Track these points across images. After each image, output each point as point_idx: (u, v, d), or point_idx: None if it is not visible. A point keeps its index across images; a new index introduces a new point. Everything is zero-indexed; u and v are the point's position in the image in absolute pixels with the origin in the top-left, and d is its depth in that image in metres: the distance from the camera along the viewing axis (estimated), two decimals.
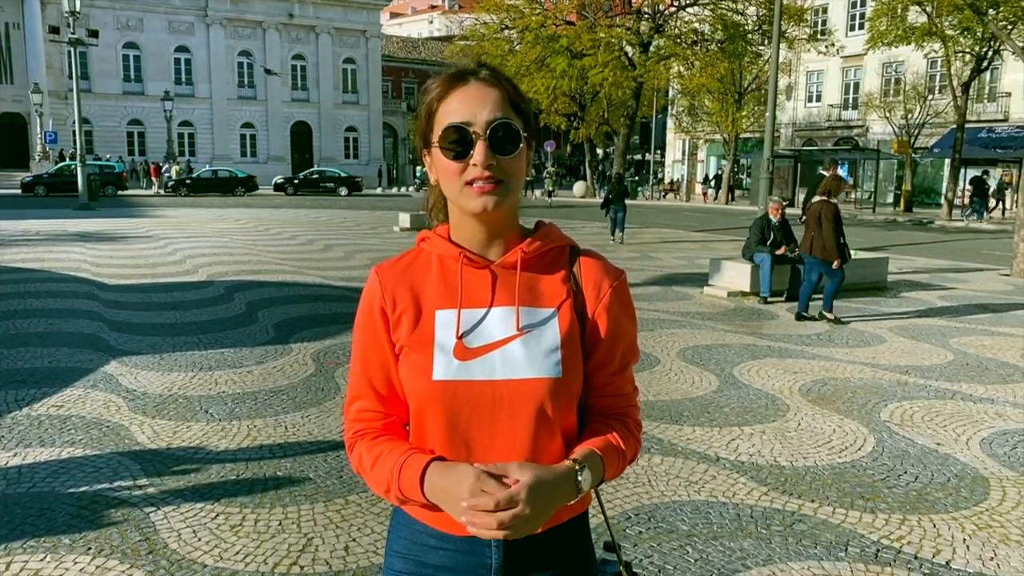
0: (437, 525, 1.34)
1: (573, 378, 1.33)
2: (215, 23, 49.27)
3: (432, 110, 1.33)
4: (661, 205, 38.18)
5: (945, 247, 19.34)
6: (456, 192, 1.30)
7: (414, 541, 1.37)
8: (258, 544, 3.54)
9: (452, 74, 1.34)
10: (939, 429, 5.36)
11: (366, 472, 1.35)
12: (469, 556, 1.34)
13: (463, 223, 1.36)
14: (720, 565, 3.42)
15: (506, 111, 1.29)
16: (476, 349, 1.30)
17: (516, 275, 1.34)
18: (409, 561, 1.37)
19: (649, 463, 4.59)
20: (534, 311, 1.33)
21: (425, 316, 1.34)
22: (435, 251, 1.38)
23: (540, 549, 1.35)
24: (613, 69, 19.77)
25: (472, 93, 1.29)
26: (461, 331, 1.31)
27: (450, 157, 1.28)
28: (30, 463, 4.44)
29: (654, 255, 15.84)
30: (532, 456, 1.29)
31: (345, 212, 27.70)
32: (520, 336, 1.31)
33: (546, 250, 1.38)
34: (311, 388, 6.01)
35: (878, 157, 35.28)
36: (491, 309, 1.33)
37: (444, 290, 1.35)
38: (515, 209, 1.36)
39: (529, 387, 1.29)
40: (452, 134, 1.27)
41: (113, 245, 15.64)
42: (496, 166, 1.27)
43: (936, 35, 25.28)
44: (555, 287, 1.36)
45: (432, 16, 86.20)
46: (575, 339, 1.34)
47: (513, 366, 1.29)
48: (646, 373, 6.60)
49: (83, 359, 6.70)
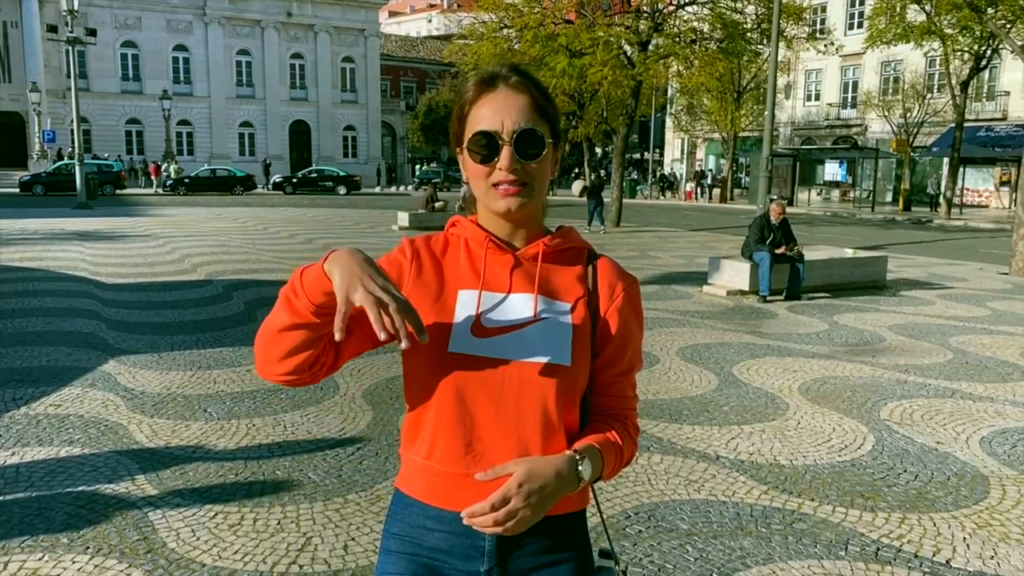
0: (434, 501, 1.36)
1: (580, 370, 1.37)
2: (213, 22, 49.21)
3: (464, 113, 1.40)
4: (660, 204, 38.20)
5: (944, 246, 19.35)
6: (483, 193, 1.38)
7: (411, 523, 1.39)
8: (257, 543, 3.53)
9: (483, 78, 1.40)
10: (939, 428, 5.36)
11: (265, 328, 1.31)
12: (464, 538, 1.36)
13: (489, 217, 1.43)
14: (720, 564, 3.42)
15: (532, 118, 1.36)
16: (492, 329, 1.36)
17: (537, 265, 1.41)
18: (406, 542, 1.40)
19: (649, 462, 4.58)
20: (551, 301, 1.39)
21: (447, 293, 1.39)
22: (463, 235, 1.45)
23: (533, 536, 1.37)
24: (613, 68, 19.71)
25: (500, 100, 1.36)
26: (480, 310, 1.37)
27: (477, 161, 1.36)
28: (28, 462, 4.43)
29: (653, 254, 15.83)
30: (531, 442, 1.32)
31: (344, 211, 27.68)
32: (536, 322, 1.37)
33: (566, 248, 1.45)
34: (310, 387, 6.00)
35: (877, 156, 35.31)
36: (510, 294, 1.39)
37: (468, 271, 1.41)
38: (540, 208, 1.44)
39: (538, 370, 1.33)
40: (480, 139, 1.35)
41: (111, 244, 15.62)
42: (521, 170, 1.34)
43: (935, 34, 25.26)
44: (572, 283, 1.43)
45: (431, 15, 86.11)
46: (586, 334, 1.39)
47: (525, 348, 1.34)
48: (646, 372, 6.59)
49: (81, 358, 6.69)
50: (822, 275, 11.18)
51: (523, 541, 1.37)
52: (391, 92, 61.26)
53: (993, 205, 34.93)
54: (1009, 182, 33.66)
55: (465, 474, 1.33)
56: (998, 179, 35.17)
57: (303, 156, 51.94)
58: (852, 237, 20.14)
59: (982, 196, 35.84)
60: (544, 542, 1.38)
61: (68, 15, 25.75)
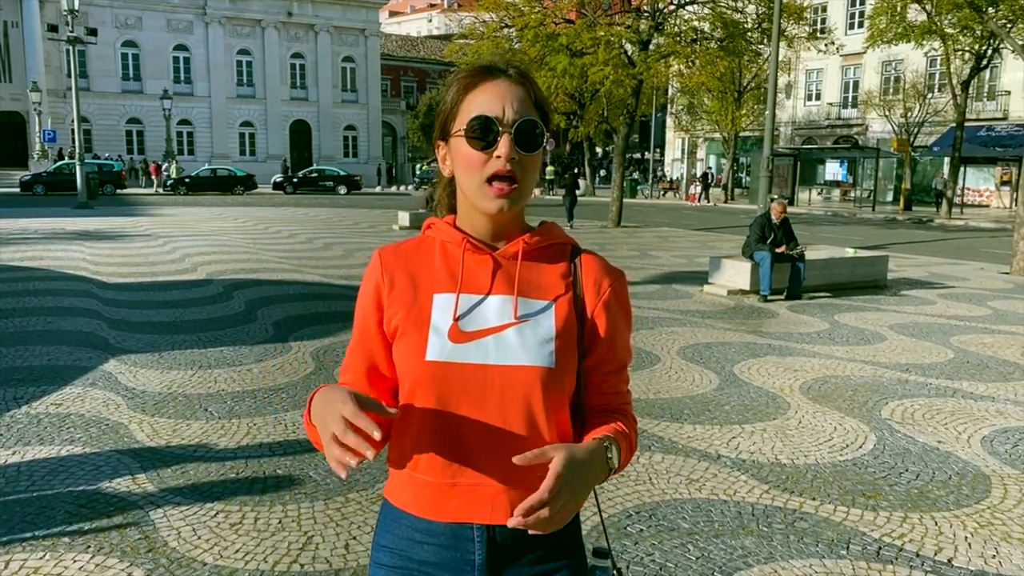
0: (421, 512, 1.34)
1: (566, 371, 1.32)
2: (214, 21, 49.20)
3: (457, 100, 1.33)
4: (660, 204, 38.18)
5: (945, 245, 19.34)
6: (475, 187, 1.30)
7: (400, 535, 1.37)
8: (258, 542, 3.53)
9: (481, 67, 1.34)
10: (940, 427, 5.35)
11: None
12: (453, 551, 1.33)
13: (471, 215, 1.37)
14: (721, 563, 3.41)
15: (531, 111, 1.31)
16: (471, 333, 1.31)
17: (517, 265, 1.35)
18: (396, 555, 1.37)
19: (650, 461, 4.58)
20: (532, 302, 1.34)
21: (422, 299, 1.34)
22: (439, 237, 1.40)
23: (525, 546, 1.34)
24: (614, 67, 19.71)
25: (502, 89, 1.30)
26: (458, 314, 1.32)
27: (475, 147, 1.28)
28: (29, 461, 4.43)
29: (653, 253, 15.83)
30: (518, 448, 1.24)
31: (344, 211, 27.68)
32: (516, 324, 1.32)
33: (547, 245, 1.40)
34: (311, 386, 5.99)
35: (877, 156, 35.30)
36: (489, 296, 1.34)
37: (444, 275, 1.36)
38: (523, 207, 1.38)
39: (521, 374, 1.29)
40: (478, 125, 1.28)
41: (112, 243, 15.62)
42: (517, 162, 1.28)
43: (936, 33, 25.25)
44: (554, 281, 1.37)
45: (431, 15, 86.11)
46: (571, 333, 1.34)
47: (507, 352, 1.30)
48: (646, 371, 6.59)
49: (82, 357, 6.69)
50: (823, 275, 11.18)
51: (517, 551, 1.34)
52: (391, 92, 61.23)
53: (994, 205, 34.91)
54: (1010, 182, 33.65)
55: (451, 483, 1.31)
56: (999, 179, 35.16)
57: (303, 156, 51.94)
58: (853, 237, 20.13)
59: (983, 196, 35.84)
60: (537, 552, 1.36)
61: (69, 15, 25.74)
